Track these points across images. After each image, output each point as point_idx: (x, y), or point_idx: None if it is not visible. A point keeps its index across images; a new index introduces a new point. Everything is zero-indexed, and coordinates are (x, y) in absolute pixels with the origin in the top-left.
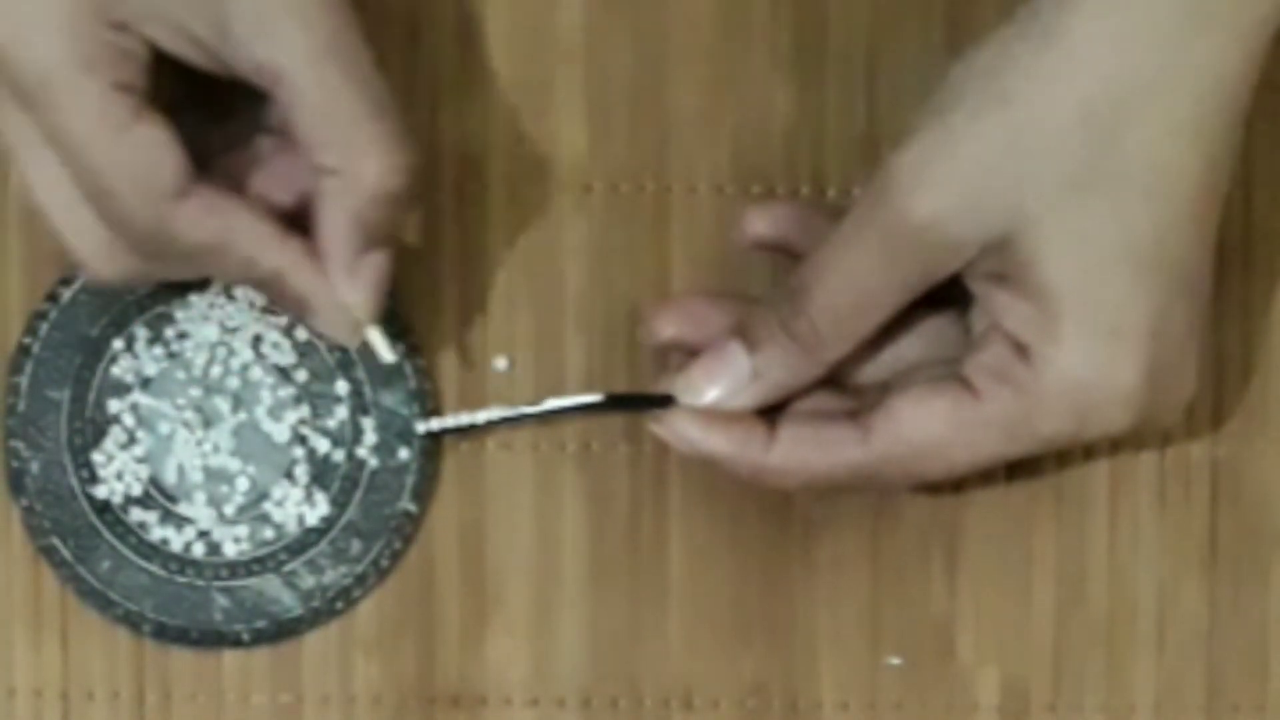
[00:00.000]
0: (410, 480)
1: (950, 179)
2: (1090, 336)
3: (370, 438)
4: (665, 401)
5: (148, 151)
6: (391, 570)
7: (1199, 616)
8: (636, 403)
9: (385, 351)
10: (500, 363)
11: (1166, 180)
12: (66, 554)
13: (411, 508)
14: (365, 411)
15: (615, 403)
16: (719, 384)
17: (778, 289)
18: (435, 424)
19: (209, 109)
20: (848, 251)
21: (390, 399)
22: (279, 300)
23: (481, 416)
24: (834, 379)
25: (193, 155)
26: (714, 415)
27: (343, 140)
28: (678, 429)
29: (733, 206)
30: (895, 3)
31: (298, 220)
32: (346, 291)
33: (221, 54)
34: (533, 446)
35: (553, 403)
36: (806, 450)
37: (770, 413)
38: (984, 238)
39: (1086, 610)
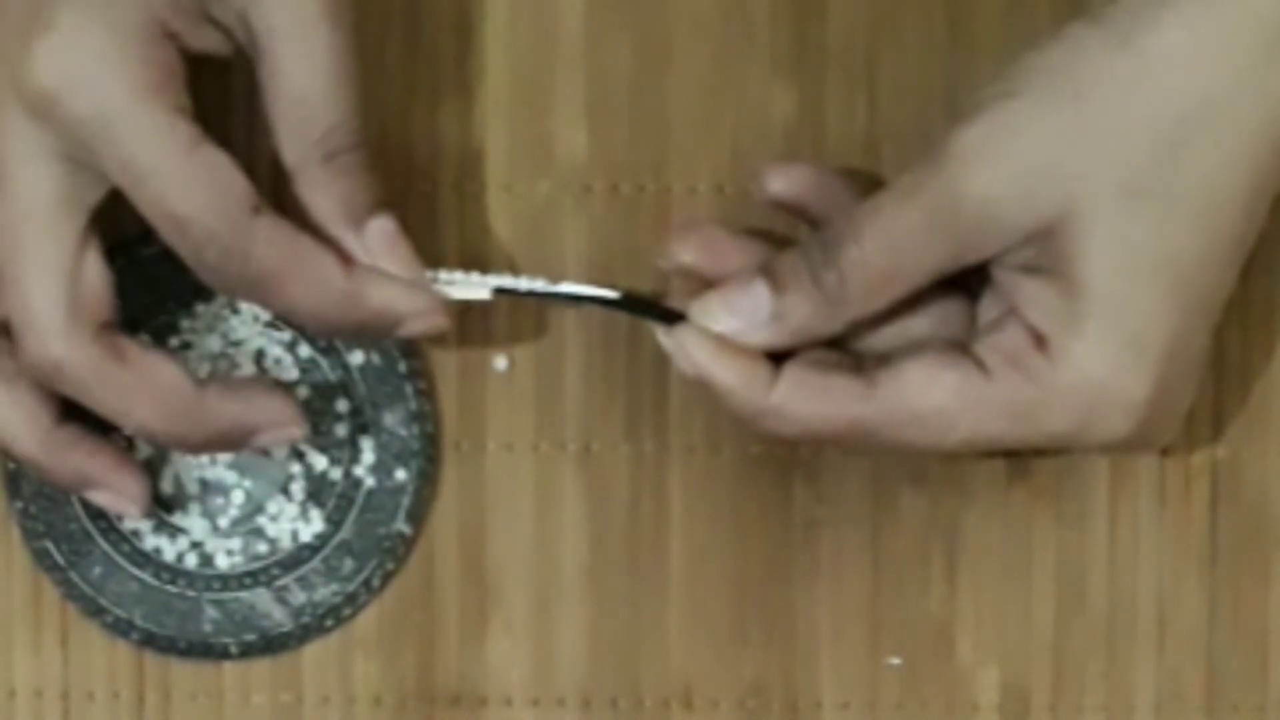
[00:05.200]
0: (406, 501)
1: (1009, 162)
2: (1112, 340)
3: (368, 457)
4: (677, 318)
5: (219, 170)
6: (383, 589)
7: (1199, 616)
8: (650, 310)
9: (479, 290)
10: (500, 363)
11: (1214, 205)
12: (59, 558)
13: (406, 529)
14: (365, 431)
15: (629, 304)
16: (736, 316)
17: (812, 237)
18: (443, 275)
19: None
20: (893, 214)
21: (390, 419)
22: (359, 328)
23: (491, 282)
24: (838, 343)
25: None
26: (724, 343)
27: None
28: (687, 346)
29: (733, 206)
30: (895, 3)
31: None
32: (401, 268)
33: (233, 28)
34: (533, 446)
35: (567, 287)
36: (808, 396)
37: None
38: (1030, 226)
39: (1086, 610)
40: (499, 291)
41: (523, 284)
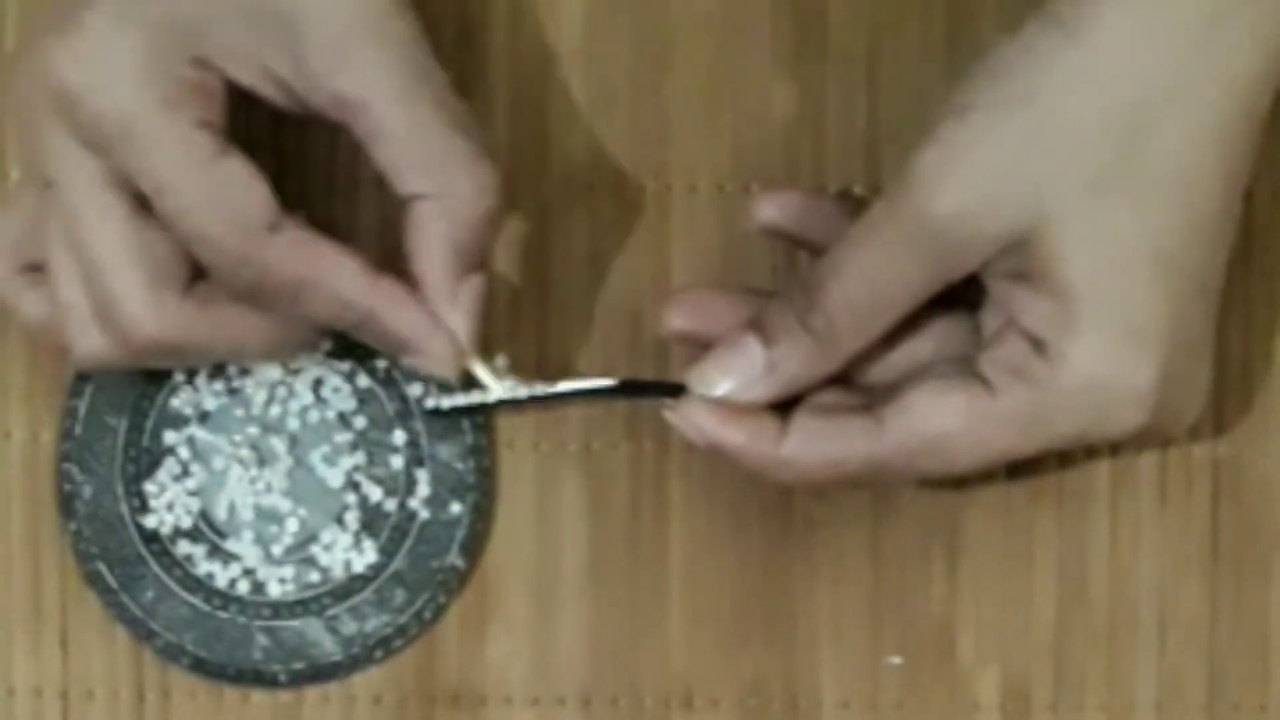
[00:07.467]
0: (460, 535)
1: (972, 177)
2: (1109, 334)
3: (424, 489)
4: (677, 390)
5: (235, 186)
6: (434, 623)
7: (1200, 616)
8: (649, 390)
9: (492, 382)
10: (500, 362)
11: (1186, 183)
12: (111, 581)
13: (459, 563)
14: (420, 463)
15: (628, 389)
16: (732, 377)
17: (793, 283)
18: (445, 402)
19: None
20: (867, 248)
21: (446, 452)
22: (375, 341)
23: (492, 396)
24: (845, 378)
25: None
26: (728, 407)
27: (437, 164)
28: (693, 419)
29: (733, 205)
30: (895, 3)
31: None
32: (451, 321)
33: (297, 89)
34: (533, 446)
35: (565, 385)
36: (818, 442)
37: (781, 409)
38: (1005, 236)
39: (1087, 610)
40: (501, 404)
41: (522, 392)
